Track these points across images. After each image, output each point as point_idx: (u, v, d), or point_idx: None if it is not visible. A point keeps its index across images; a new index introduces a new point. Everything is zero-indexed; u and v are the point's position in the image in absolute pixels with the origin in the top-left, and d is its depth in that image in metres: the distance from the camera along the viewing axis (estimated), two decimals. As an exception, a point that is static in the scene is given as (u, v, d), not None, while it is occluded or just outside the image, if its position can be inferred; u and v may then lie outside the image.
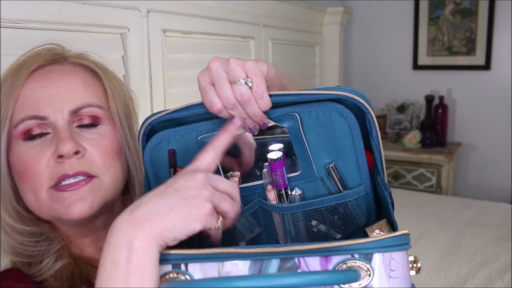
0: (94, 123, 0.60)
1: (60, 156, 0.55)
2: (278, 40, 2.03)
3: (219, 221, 0.44)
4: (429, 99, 2.68)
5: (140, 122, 0.66)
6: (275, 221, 0.56)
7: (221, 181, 0.46)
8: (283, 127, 0.53)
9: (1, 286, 0.54)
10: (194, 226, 0.42)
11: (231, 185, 0.47)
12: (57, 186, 0.55)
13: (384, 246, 0.41)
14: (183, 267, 0.42)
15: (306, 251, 0.42)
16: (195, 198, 0.42)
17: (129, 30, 1.19)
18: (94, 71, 0.63)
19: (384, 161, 0.52)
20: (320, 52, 2.52)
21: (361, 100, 0.49)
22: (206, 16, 1.51)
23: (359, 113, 0.51)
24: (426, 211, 2.07)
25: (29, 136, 0.56)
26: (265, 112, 0.50)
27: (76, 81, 0.60)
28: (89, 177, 0.57)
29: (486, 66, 2.64)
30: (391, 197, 0.50)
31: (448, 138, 2.78)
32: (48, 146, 0.56)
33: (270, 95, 0.50)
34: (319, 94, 0.50)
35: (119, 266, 0.39)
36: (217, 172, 0.55)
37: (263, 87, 0.49)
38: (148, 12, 1.26)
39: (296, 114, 0.52)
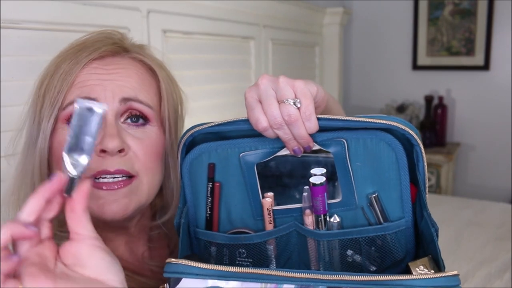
0: (142, 121, 0.58)
1: (103, 151, 0.53)
2: (278, 41, 2.03)
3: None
4: (428, 99, 2.68)
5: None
6: (309, 247, 0.54)
7: None
8: (328, 151, 0.51)
9: None
10: None
11: None
12: (94, 182, 0.54)
13: (437, 286, 0.40)
14: (224, 284, 0.42)
15: (355, 282, 0.41)
16: None
17: (129, 30, 1.19)
18: (152, 70, 0.62)
19: (427, 195, 0.50)
20: (320, 52, 2.52)
21: (411, 132, 0.48)
22: (206, 17, 1.51)
23: (407, 144, 0.50)
24: (425, 211, 2.07)
25: None
26: (311, 135, 0.49)
27: (133, 75, 0.58)
28: (129, 177, 0.56)
29: (486, 66, 2.64)
30: (437, 234, 0.48)
31: (447, 138, 2.78)
32: None
33: (318, 119, 0.48)
34: (369, 122, 0.48)
35: None
36: (255, 191, 0.54)
37: (312, 109, 0.47)
38: (148, 12, 1.26)
39: (344, 140, 0.50)
